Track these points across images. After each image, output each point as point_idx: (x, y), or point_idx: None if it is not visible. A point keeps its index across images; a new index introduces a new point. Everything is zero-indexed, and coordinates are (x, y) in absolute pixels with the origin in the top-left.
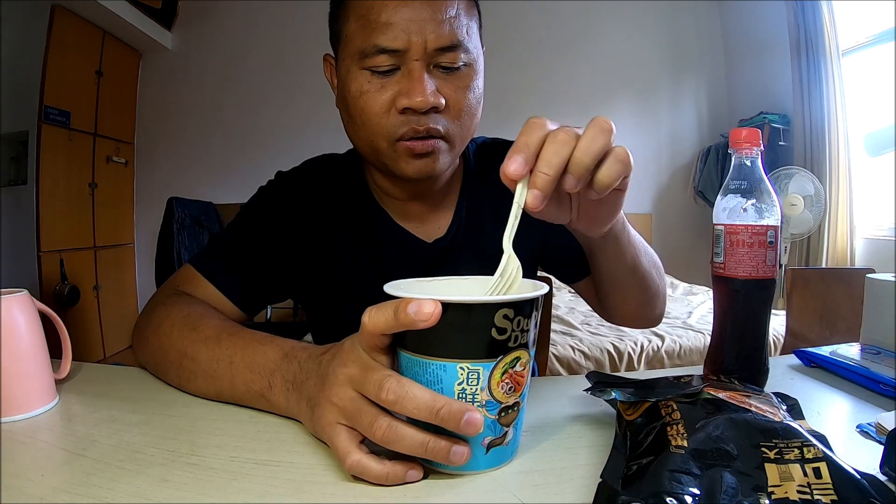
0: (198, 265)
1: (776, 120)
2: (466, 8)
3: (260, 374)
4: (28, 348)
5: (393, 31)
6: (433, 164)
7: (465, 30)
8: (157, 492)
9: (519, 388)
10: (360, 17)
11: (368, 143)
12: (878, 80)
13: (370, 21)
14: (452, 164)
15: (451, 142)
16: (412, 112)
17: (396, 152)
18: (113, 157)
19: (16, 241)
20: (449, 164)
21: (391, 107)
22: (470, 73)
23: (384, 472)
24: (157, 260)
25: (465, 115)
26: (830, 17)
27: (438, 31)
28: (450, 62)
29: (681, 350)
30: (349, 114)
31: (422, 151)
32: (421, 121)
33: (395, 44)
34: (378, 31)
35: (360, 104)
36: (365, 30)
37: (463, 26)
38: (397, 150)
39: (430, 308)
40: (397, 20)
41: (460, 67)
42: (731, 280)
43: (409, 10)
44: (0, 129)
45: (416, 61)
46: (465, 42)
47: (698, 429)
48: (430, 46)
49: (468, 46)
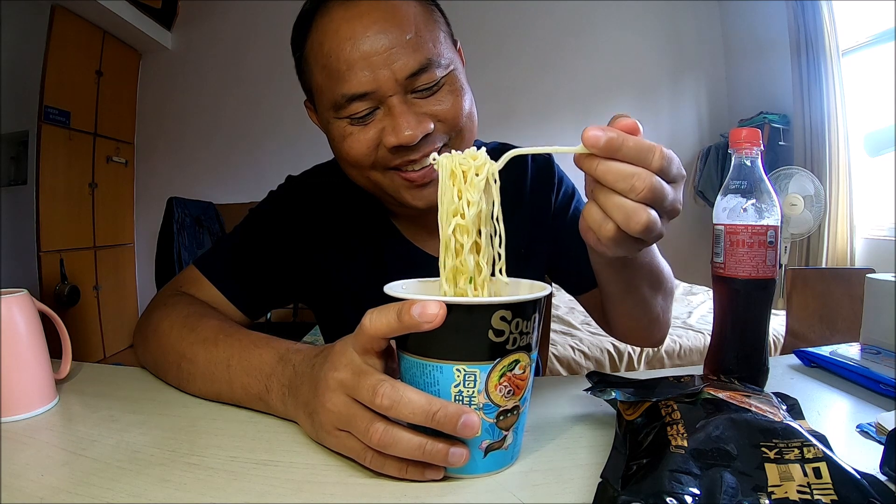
0: (202, 267)
1: (776, 120)
2: (425, 20)
3: (257, 378)
4: (28, 348)
5: (357, 74)
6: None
7: (432, 44)
8: (157, 492)
9: (518, 391)
10: (322, 68)
11: (367, 181)
12: (878, 80)
13: (332, 70)
14: None
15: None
16: (403, 147)
17: (395, 183)
18: (113, 157)
19: (16, 241)
20: None
21: (378, 143)
22: (450, 81)
23: (402, 465)
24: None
25: (460, 122)
26: (830, 17)
27: (404, 58)
28: (426, 84)
29: (681, 350)
30: (339, 158)
31: (423, 181)
32: (415, 152)
33: (362, 87)
34: (342, 80)
35: (345, 148)
36: (330, 80)
37: (427, 42)
38: (395, 182)
39: (435, 309)
40: (357, 60)
41: (439, 82)
42: (731, 280)
43: (367, 45)
44: (0, 129)
45: (391, 97)
46: (435, 58)
47: (698, 429)
48: (399, 76)
49: (439, 61)
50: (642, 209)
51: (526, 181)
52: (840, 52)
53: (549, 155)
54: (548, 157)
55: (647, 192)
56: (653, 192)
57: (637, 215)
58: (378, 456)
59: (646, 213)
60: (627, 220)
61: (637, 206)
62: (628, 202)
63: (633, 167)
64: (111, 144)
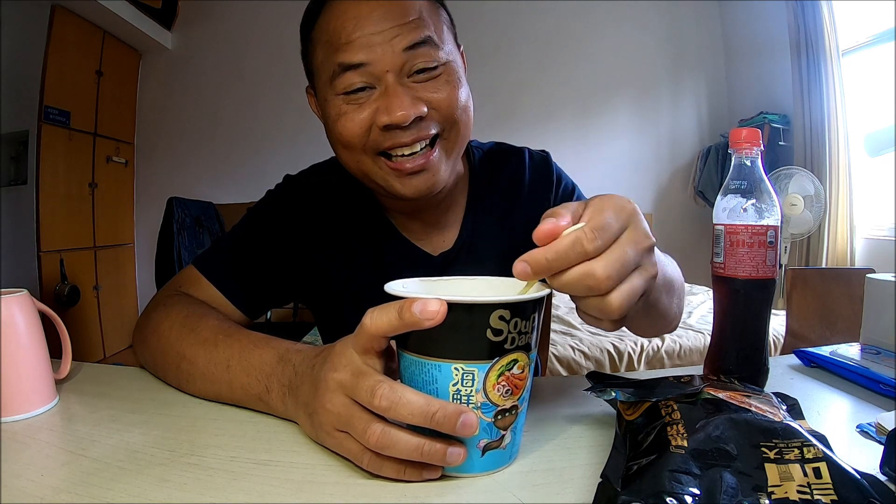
0: (201, 267)
1: (776, 120)
2: (430, 11)
3: (257, 378)
4: (28, 348)
5: (355, 45)
6: (433, 178)
7: (433, 27)
8: (157, 492)
9: (517, 391)
10: (325, 44)
11: (356, 166)
12: (878, 80)
13: (332, 43)
14: (454, 170)
15: (448, 144)
16: (395, 127)
17: (383, 170)
18: (113, 157)
19: (16, 241)
20: (450, 173)
21: (371, 124)
22: (449, 71)
23: (400, 466)
24: (157, 260)
25: (455, 113)
26: (830, 17)
27: (403, 33)
28: (424, 62)
29: (681, 350)
30: (333, 139)
31: (413, 170)
32: (407, 134)
33: (358, 57)
34: (340, 50)
35: (339, 127)
36: (329, 51)
37: (429, 25)
38: (383, 169)
39: (436, 307)
40: (359, 36)
41: (437, 67)
42: (731, 280)
43: (371, 26)
44: (0, 129)
45: (387, 73)
46: (436, 39)
47: (698, 429)
48: (397, 48)
49: (440, 43)
50: (612, 298)
51: (524, 180)
52: (840, 52)
53: (547, 153)
54: (545, 155)
55: (603, 283)
56: (609, 278)
57: (608, 306)
58: (375, 458)
59: (617, 296)
60: (606, 313)
61: (604, 299)
62: (596, 300)
63: (578, 269)
64: (111, 144)
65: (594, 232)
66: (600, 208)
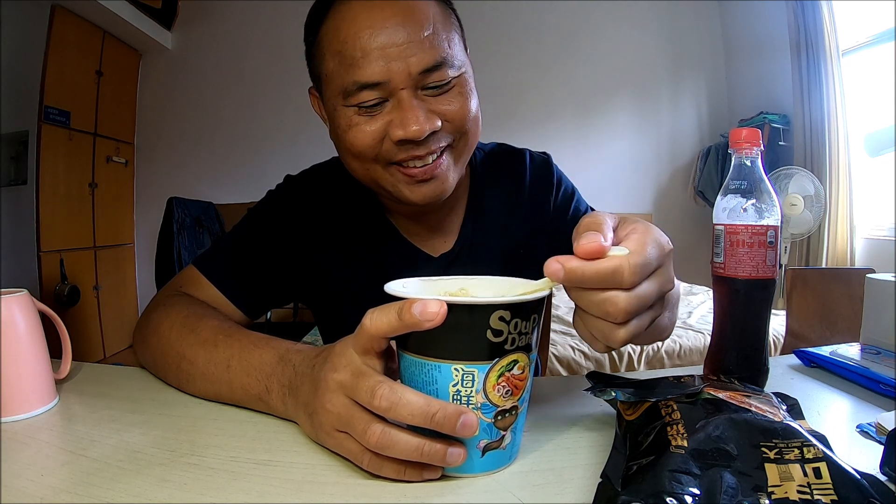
0: (201, 267)
1: (776, 120)
2: (443, 20)
3: (257, 379)
4: (28, 348)
5: (371, 63)
6: (442, 185)
7: (447, 44)
8: (157, 492)
9: (517, 391)
10: (336, 54)
11: (366, 174)
12: (878, 80)
13: (346, 57)
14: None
15: (457, 153)
16: (409, 141)
17: (394, 177)
18: (113, 157)
19: (16, 241)
20: (456, 181)
21: (383, 136)
22: (461, 83)
23: (400, 466)
24: (157, 260)
25: (466, 125)
26: (830, 17)
27: (420, 54)
28: (437, 81)
29: (681, 350)
30: (342, 147)
31: (423, 178)
32: (420, 148)
33: (375, 77)
34: (356, 67)
35: (350, 138)
36: (343, 67)
37: (443, 41)
38: (395, 176)
39: (436, 308)
40: (374, 50)
41: (450, 82)
42: (731, 280)
43: (385, 37)
44: (0, 129)
45: (402, 90)
46: (449, 58)
47: (698, 429)
48: (413, 71)
49: (453, 61)
50: (621, 331)
51: (524, 182)
52: (840, 52)
53: (548, 154)
54: (546, 157)
55: (621, 315)
56: (628, 313)
57: (615, 335)
58: (375, 458)
59: (625, 331)
60: (609, 340)
61: (614, 328)
62: (605, 324)
63: (604, 293)
64: (111, 144)
65: (636, 267)
66: (644, 242)
